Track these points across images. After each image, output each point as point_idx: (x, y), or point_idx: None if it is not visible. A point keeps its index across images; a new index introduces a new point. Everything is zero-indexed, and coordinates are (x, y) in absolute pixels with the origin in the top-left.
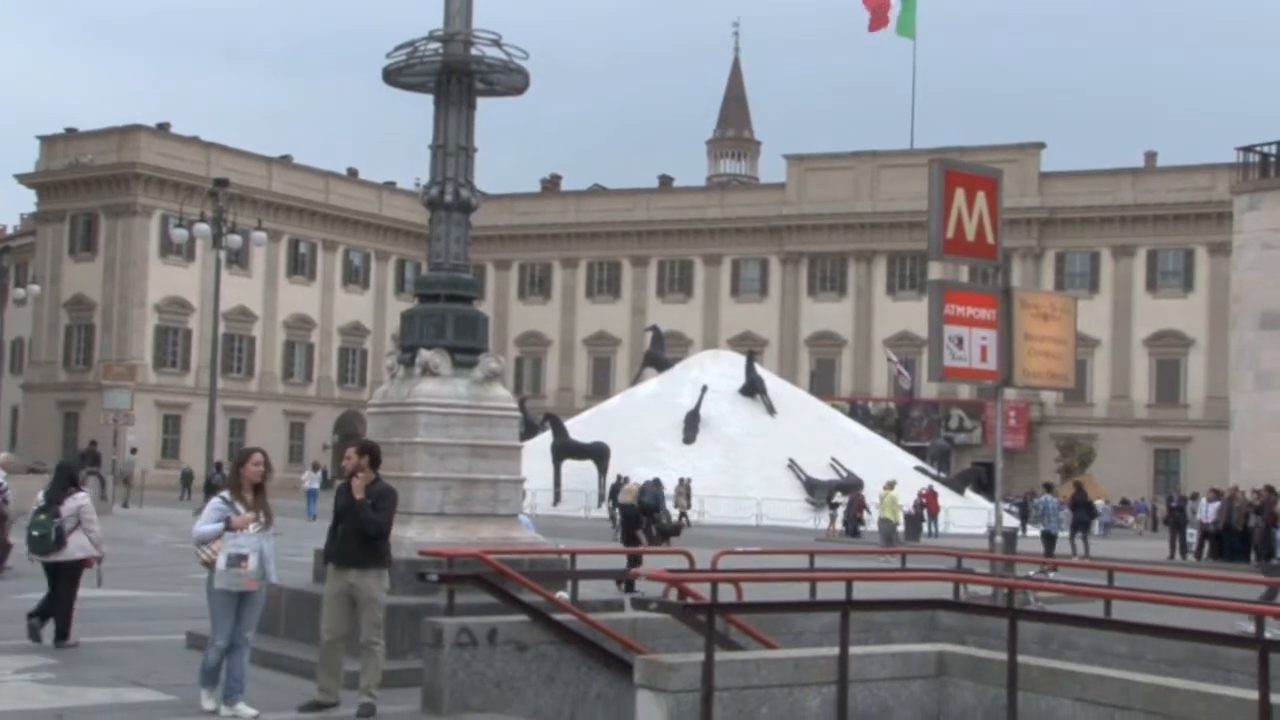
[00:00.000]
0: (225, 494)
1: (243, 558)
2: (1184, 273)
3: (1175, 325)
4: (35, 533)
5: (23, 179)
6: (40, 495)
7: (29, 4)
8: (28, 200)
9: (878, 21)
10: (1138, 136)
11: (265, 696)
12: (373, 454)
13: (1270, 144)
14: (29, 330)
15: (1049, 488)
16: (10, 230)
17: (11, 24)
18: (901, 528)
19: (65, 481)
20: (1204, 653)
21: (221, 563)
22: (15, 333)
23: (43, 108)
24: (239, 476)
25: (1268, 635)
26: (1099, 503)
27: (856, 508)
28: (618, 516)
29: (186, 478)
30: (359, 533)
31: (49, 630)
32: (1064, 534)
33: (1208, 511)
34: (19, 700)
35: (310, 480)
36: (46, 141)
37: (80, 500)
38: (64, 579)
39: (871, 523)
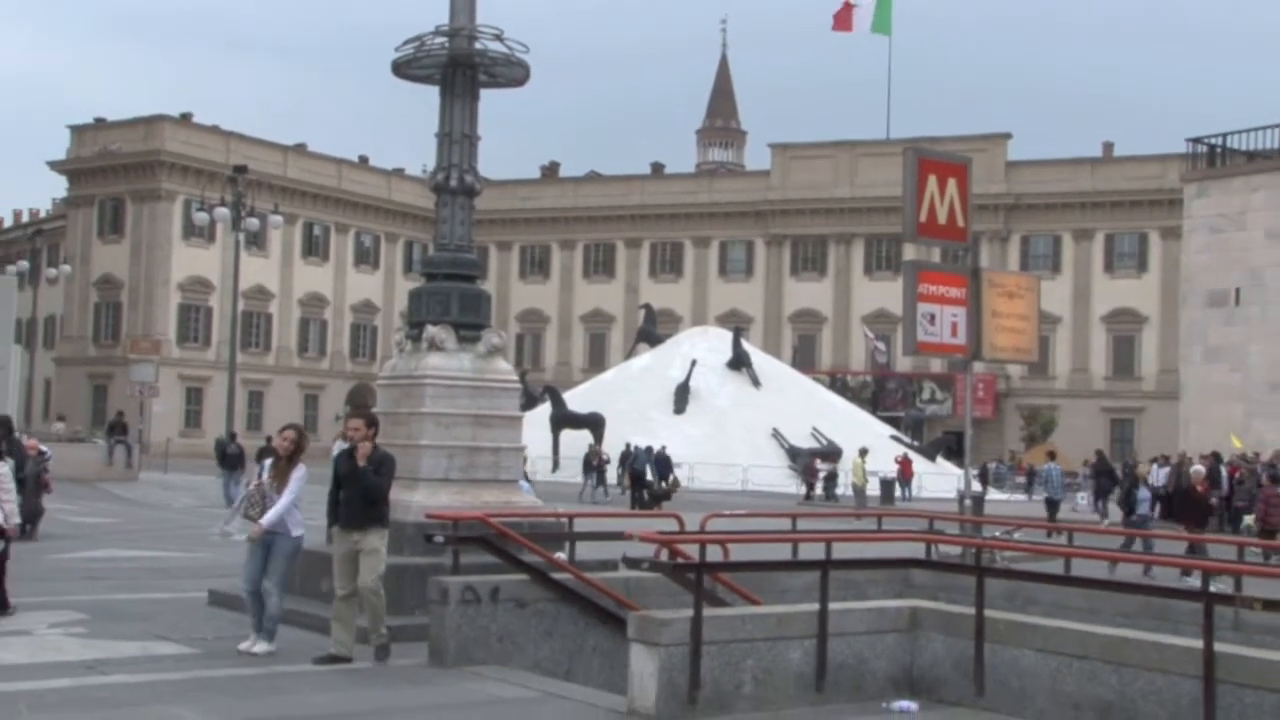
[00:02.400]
0: (269, 461)
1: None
2: (1138, 255)
3: (1130, 304)
4: None
5: (55, 166)
6: None
7: (61, 1)
8: (59, 186)
9: (841, 23)
10: (1097, 128)
11: (283, 650)
12: (376, 425)
13: (1217, 136)
14: (61, 308)
15: (1052, 455)
16: (43, 214)
17: (45, 20)
18: (876, 492)
19: None
20: (1154, 606)
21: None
22: (48, 310)
23: (73, 99)
24: (276, 448)
25: (1213, 589)
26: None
27: (809, 473)
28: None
29: (221, 446)
30: (363, 496)
31: None
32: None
33: (1158, 476)
34: (53, 652)
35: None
36: (77, 131)
37: None
38: None
39: (840, 487)
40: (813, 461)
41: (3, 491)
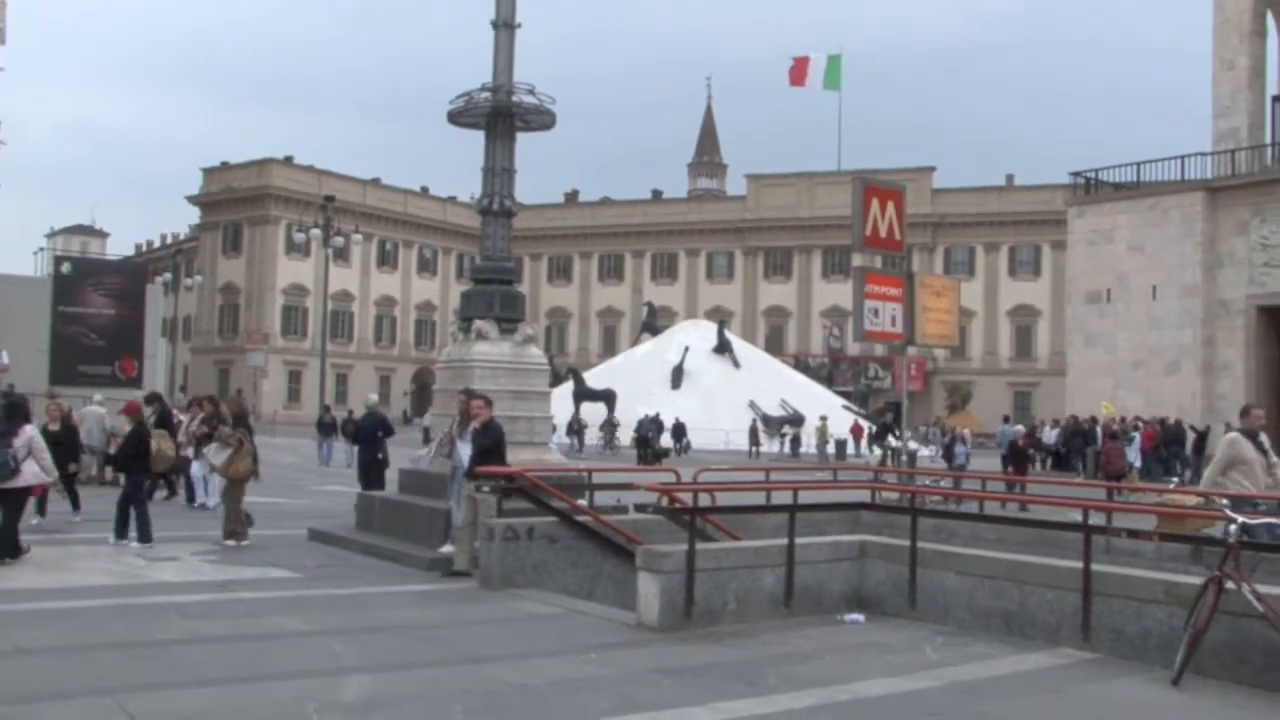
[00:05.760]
0: (457, 418)
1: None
2: (1034, 262)
3: (1028, 300)
4: None
5: (190, 200)
6: None
7: (195, 73)
8: (194, 215)
9: (797, 79)
10: (1001, 163)
11: (366, 576)
12: (490, 402)
13: (1092, 171)
14: (194, 309)
15: (1007, 419)
16: (182, 237)
17: (184, 87)
18: (832, 450)
19: (17, 416)
20: (1046, 536)
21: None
22: (185, 311)
23: (205, 147)
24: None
25: (1091, 523)
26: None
27: (752, 434)
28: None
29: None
30: (477, 455)
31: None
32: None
33: (1051, 435)
34: (195, 574)
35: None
36: (207, 172)
37: (29, 432)
38: (10, 504)
39: (766, 446)
40: (755, 427)
41: (37, 450)
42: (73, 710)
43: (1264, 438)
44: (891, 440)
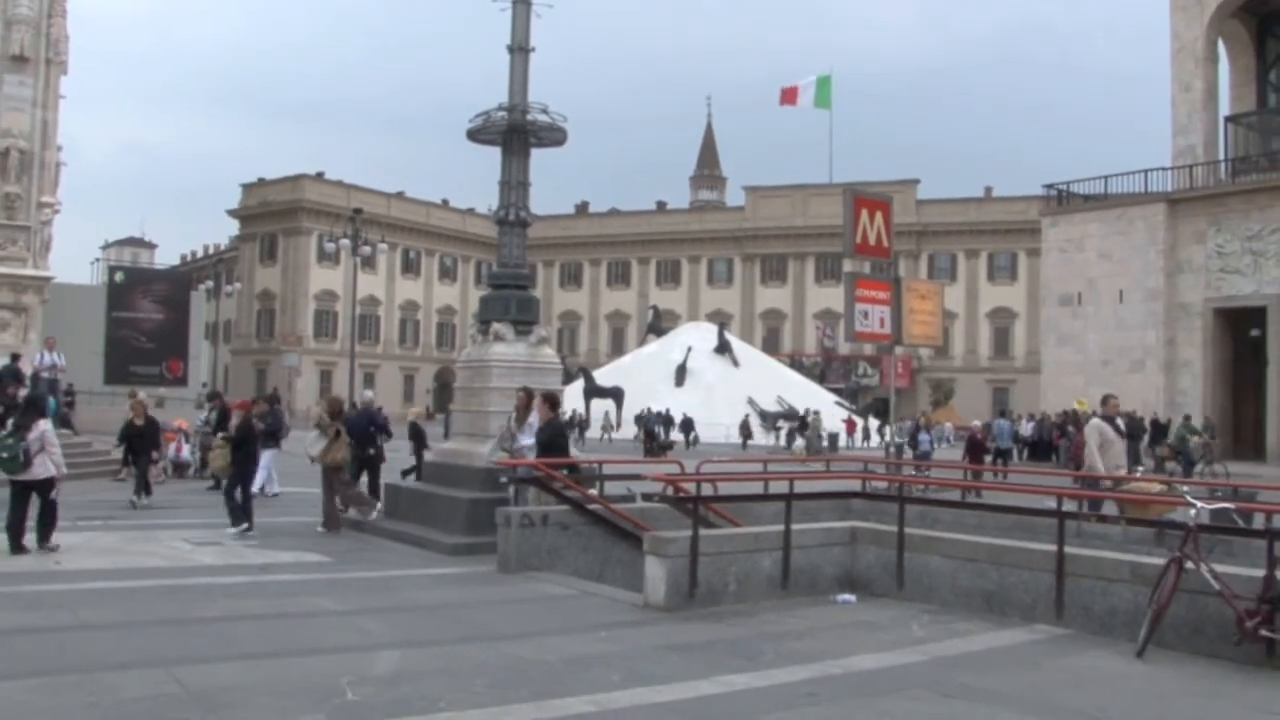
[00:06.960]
0: (514, 413)
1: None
2: (1011, 268)
3: (1006, 303)
4: (4, 455)
5: (230, 213)
6: (10, 423)
7: (237, 98)
8: (234, 227)
9: (787, 99)
10: (980, 176)
11: (393, 560)
12: (557, 403)
13: (1064, 183)
14: (234, 314)
15: (1003, 413)
16: (223, 247)
17: (224, 109)
18: (826, 443)
19: (34, 412)
20: (1024, 522)
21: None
22: (225, 316)
23: (244, 164)
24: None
25: (1065, 509)
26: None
27: (743, 428)
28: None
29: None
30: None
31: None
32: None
33: (1027, 428)
34: (236, 557)
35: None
36: (246, 187)
37: (43, 427)
38: (39, 495)
39: (761, 439)
40: (746, 421)
41: (50, 444)
42: (130, 679)
43: (1119, 421)
44: (806, 433)
